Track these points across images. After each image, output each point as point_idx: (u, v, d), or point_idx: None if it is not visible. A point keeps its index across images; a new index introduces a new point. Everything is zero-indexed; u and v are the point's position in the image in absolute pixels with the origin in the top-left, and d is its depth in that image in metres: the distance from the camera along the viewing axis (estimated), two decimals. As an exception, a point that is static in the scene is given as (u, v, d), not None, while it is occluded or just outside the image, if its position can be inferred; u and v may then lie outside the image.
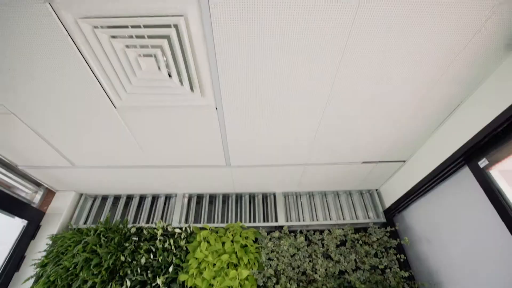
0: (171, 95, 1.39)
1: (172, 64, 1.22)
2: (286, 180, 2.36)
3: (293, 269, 2.08)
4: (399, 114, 1.57)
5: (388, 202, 2.45)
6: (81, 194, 2.59)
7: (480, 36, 1.12)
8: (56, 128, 1.63)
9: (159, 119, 1.55)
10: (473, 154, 1.58)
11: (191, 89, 1.35)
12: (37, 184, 2.45)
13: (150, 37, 1.10)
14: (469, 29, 1.09)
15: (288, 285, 1.95)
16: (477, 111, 1.46)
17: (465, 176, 1.72)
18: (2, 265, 2.06)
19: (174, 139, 1.73)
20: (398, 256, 2.19)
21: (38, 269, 2.06)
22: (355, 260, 2.14)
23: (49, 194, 2.53)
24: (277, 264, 2.06)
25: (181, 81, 1.31)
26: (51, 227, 2.33)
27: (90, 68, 1.23)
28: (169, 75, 1.29)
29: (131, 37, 1.11)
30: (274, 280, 2.00)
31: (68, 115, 1.52)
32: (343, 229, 2.30)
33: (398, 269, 2.12)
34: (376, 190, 2.64)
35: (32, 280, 2.04)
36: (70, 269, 1.99)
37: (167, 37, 1.10)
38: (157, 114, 1.51)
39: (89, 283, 1.91)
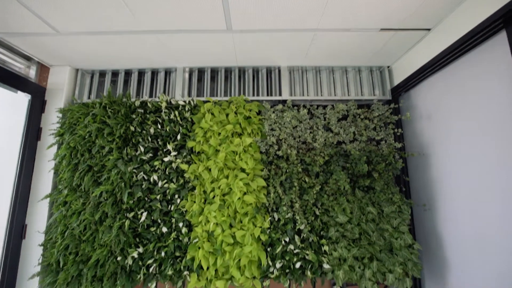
0: None
1: None
2: (292, 50, 2.15)
3: (294, 138, 2.21)
4: None
5: (398, 80, 2.34)
6: (77, 70, 2.48)
7: None
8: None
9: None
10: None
11: None
12: (27, 58, 2.31)
13: None
14: None
15: (289, 151, 2.12)
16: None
17: (492, 48, 1.53)
18: (23, 134, 2.20)
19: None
20: (395, 130, 2.28)
21: (57, 137, 2.22)
22: (353, 132, 2.24)
23: (43, 69, 2.42)
24: (279, 134, 2.17)
25: None
26: (56, 101, 2.35)
27: None
28: None
29: None
30: (276, 147, 2.16)
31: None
32: (346, 104, 2.30)
33: (393, 140, 2.25)
34: (388, 67, 2.47)
35: (55, 147, 2.24)
36: (86, 137, 2.13)
37: None
38: None
39: (106, 149, 2.09)
